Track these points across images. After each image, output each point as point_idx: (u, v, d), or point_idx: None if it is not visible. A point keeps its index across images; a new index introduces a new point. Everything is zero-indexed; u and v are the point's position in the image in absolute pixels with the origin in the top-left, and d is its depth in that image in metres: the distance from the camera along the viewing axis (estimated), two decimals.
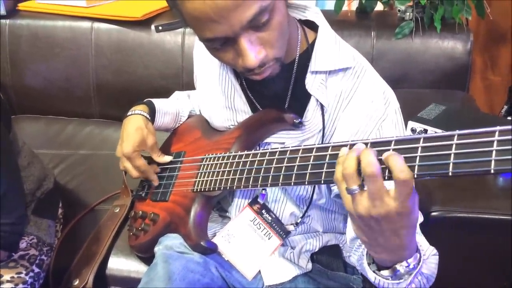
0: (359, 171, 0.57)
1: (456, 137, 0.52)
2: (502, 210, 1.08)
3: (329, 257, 1.00)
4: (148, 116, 1.03)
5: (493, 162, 0.48)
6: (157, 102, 1.09)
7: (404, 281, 0.66)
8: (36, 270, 1.07)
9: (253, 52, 0.72)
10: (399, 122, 0.87)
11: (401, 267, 0.65)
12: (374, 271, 0.69)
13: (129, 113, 1.04)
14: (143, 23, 1.66)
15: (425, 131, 1.16)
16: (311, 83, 0.86)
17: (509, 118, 1.54)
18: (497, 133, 0.49)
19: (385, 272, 0.68)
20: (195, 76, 1.08)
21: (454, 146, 0.52)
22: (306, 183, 0.70)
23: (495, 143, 0.49)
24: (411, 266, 0.65)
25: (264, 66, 0.76)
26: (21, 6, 1.75)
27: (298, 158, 0.72)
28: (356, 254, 0.83)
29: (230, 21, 0.67)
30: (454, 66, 1.54)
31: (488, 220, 1.08)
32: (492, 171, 0.49)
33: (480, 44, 1.97)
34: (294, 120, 0.87)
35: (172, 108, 1.12)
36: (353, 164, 0.57)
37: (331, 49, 0.86)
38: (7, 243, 0.93)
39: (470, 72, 1.56)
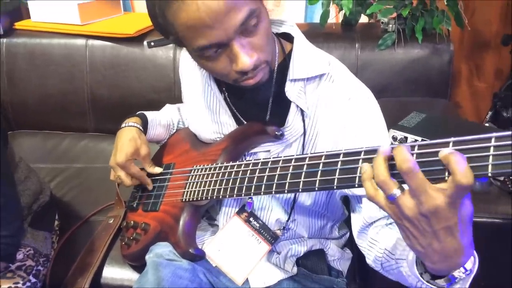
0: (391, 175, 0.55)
1: (451, 143, 0.53)
2: (501, 214, 1.10)
3: (313, 261, 1.04)
4: (141, 128, 1.08)
5: (490, 166, 0.50)
6: (149, 114, 1.14)
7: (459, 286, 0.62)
8: (33, 280, 1.11)
9: (246, 55, 0.77)
10: (379, 117, 0.91)
11: (458, 273, 0.60)
12: (428, 281, 0.65)
13: (123, 125, 1.09)
14: (135, 39, 1.71)
15: (406, 138, 1.21)
16: (291, 90, 0.91)
17: (486, 124, 1.58)
18: (493, 139, 0.51)
19: (441, 281, 0.63)
20: (182, 93, 1.13)
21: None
22: (286, 191, 0.75)
23: (491, 148, 0.51)
24: (467, 272, 0.60)
25: (257, 69, 0.81)
26: (18, 25, 1.80)
27: (279, 168, 0.77)
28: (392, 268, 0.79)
29: (224, 25, 0.72)
30: (436, 75, 1.59)
31: (487, 223, 1.10)
32: (489, 175, 0.51)
33: (464, 52, 2.02)
34: (276, 133, 0.92)
35: (164, 120, 1.17)
36: (383, 169, 0.55)
37: (306, 58, 0.92)
38: (5, 255, 0.97)
39: (451, 80, 1.61)
